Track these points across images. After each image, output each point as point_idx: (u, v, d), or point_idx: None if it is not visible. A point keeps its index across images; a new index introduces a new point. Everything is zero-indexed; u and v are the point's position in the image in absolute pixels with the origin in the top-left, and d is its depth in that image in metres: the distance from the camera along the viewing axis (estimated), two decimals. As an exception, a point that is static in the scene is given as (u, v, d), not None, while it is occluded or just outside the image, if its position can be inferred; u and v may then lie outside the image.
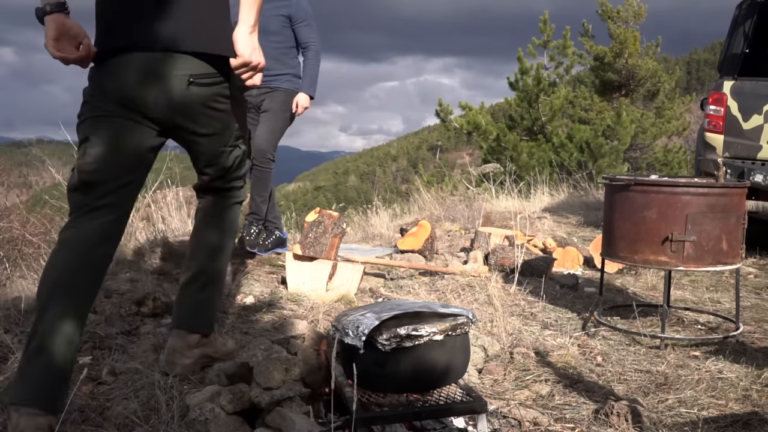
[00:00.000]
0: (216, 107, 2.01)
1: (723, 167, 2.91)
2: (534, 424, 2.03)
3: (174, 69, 1.89)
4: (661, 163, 13.65)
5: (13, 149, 31.70)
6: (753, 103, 4.89)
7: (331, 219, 3.49)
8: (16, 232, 5.69)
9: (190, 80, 1.91)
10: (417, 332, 1.75)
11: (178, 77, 1.89)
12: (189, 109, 1.95)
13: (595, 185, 9.57)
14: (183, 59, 1.90)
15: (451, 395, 1.89)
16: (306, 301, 3.31)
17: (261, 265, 4.11)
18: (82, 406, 1.99)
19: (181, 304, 2.26)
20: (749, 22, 5.09)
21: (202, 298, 2.23)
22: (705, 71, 51.10)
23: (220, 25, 1.97)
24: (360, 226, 6.71)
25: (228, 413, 1.88)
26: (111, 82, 1.89)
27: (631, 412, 2.03)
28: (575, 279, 4.08)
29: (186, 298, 2.25)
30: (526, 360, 2.59)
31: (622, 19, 14.16)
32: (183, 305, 2.25)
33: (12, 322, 2.71)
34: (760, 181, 4.74)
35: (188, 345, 2.21)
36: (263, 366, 1.90)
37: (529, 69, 12.94)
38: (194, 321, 2.23)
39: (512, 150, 12.10)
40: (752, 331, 3.14)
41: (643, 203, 2.85)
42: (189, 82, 1.91)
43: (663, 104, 14.39)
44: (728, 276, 4.25)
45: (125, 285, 3.37)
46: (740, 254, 2.90)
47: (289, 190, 68.80)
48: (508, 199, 7.70)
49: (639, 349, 2.83)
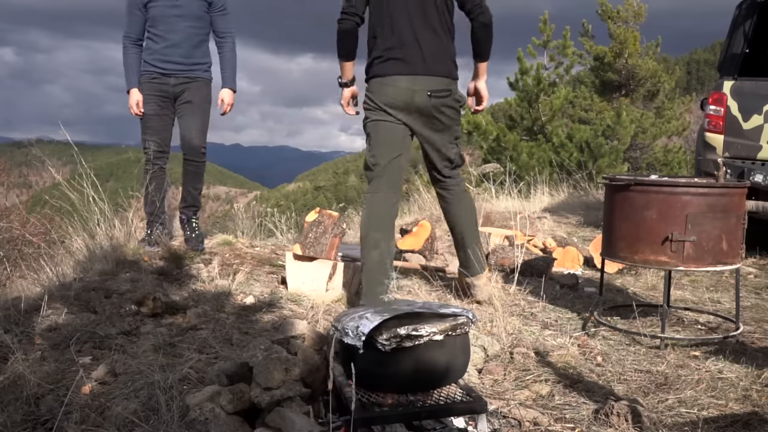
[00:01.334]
0: (444, 112, 3.04)
1: (723, 167, 2.91)
2: (534, 424, 2.03)
3: (420, 86, 2.95)
4: (661, 163, 13.63)
5: (13, 149, 31.72)
6: (753, 103, 4.89)
7: (331, 219, 3.48)
8: (16, 232, 5.69)
9: (429, 94, 2.96)
10: (417, 332, 1.75)
11: (422, 92, 2.96)
12: (427, 112, 3.01)
13: (595, 185, 9.57)
14: (426, 79, 2.96)
15: (451, 395, 1.89)
16: (306, 301, 3.31)
17: (261, 265, 4.11)
18: (82, 406, 1.99)
19: (460, 261, 3.42)
20: (749, 22, 5.09)
21: (473, 252, 3.32)
22: (705, 71, 51.06)
23: (448, 57, 3.06)
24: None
25: (228, 413, 1.88)
26: (382, 96, 2.99)
27: (631, 412, 2.03)
28: (575, 279, 4.08)
29: (462, 255, 3.38)
30: (526, 360, 2.59)
31: (622, 19, 14.14)
32: (462, 260, 3.40)
33: (12, 322, 2.71)
34: (760, 181, 4.74)
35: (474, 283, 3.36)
36: (263, 366, 1.90)
37: (529, 69, 12.94)
38: (471, 268, 3.34)
39: (512, 150, 12.09)
40: (752, 331, 3.14)
41: (643, 203, 2.84)
42: (429, 95, 2.97)
43: (663, 104, 14.37)
44: (728, 276, 4.25)
45: (125, 285, 3.37)
46: (740, 254, 2.90)
47: (289, 190, 68.77)
48: (508, 199, 7.70)
49: (639, 349, 2.83)
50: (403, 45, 2.98)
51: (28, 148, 5.77)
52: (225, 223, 6.16)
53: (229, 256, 4.23)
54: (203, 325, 2.82)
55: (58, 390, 2.11)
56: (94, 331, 2.66)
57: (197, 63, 4.02)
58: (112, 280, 3.44)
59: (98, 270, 3.62)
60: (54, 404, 1.99)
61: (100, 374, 2.22)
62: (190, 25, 3.95)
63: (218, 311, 3.04)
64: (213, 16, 4.02)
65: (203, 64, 4.07)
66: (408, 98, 2.99)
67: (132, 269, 3.67)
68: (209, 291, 3.37)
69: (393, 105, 3.01)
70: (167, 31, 3.93)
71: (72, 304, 3.01)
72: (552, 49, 13.59)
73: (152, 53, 3.96)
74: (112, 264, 3.65)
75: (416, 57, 2.98)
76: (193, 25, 3.96)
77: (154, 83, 3.99)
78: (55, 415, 1.93)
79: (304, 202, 43.03)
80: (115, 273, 3.59)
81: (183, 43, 3.96)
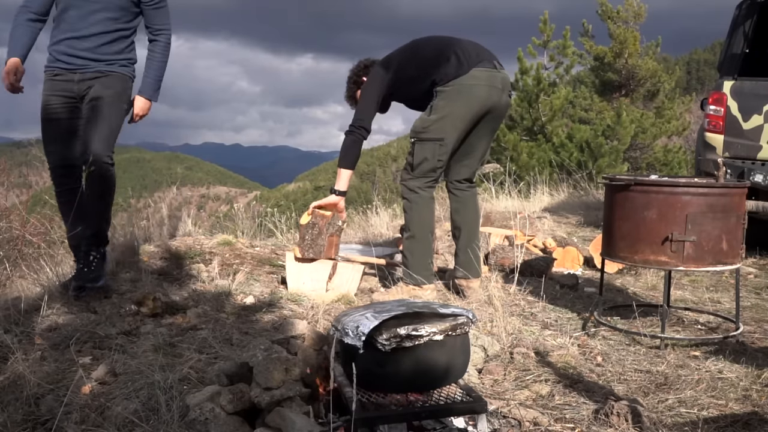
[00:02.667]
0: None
1: (723, 167, 2.91)
2: (534, 424, 2.03)
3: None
4: (661, 163, 13.64)
5: (13, 149, 31.74)
6: (753, 103, 4.89)
7: (324, 219, 3.46)
8: (16, 232, 5.69)
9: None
10: (417, 332, 1.75)
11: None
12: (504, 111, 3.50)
13: (595, 185, 9.57)
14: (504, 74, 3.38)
15: (451, 395, 1.89)
16: (306, 301, 3.31)
17: (261, 265, 4.11)
18: (82, 406, 1.99)
19: (461, 262, 3.50)
20: (749, 22, 5.09)
21: (475, 255, 3.49)
22: (705, 71, 51.08)
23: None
24: (360, 226, 6.71)
25: (228, 413, 1.88)
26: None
27: (631, 412, 2.03)
28: (575, 279, 4.08)
29: (464, 257, 3.49)
30: (526, 360, 2.58)
31: (622, 19, 14.15)
32: (463, 261, 3.49)
33: (12, 322, 2.71)
34: (760, 181, 4.74)
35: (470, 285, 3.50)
36: (263, 366, 1.90)
37: (529, 69, 12.95)
38: (472, 270, 3.48)
39: (512, 150, 12.10)
40: (752, 331, 3.14)
41: (643, 203, 2.84)
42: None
43: (663, 104, 14.38)
44: (728, 276, 4.25)
45: (125, 285, 3.37)
46: (740, 254, 2.90)
47: (289, 190, 68.79)
48: (508, 199, 7.70)
49: (639, 349, 2.83)
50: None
51: (28, 148, 5.74)
52: (225, 223, 6.16)
53: (229, 256, 4.22)
54: (203, 325, 2.82)
55: (58, 390, 2.11)
56: (94, 331, 2.66)
57: (111, 57, 3.22)
58: (112, 280, 3.44)
59: (98, 270, 3.61)
60: (54, 404, 1.99)
61: (100, 374, 2.22)
62: (107, 16, 3.19)
63: (218, 311, 3.04)
64: (144, 8, 3.28)
65: (121, 60, 3.26)
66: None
67: (132, 269, 3.67)
68: (209, 291, 3.37)
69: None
70: (78, 18, 3.17)
71: (72, 304, 3.01)
72: (552, 49, 13.61)
73: (56, 43, 3.19)
74: (112, 264, 3.65)
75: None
76: (112, 17, 3.19)
77: (57, 81, 3.19)
78: (55, 415, 1.92)
79: (304, 202, 42.94)
80: (115, 273, 3.59)
81: (95, 36, 3.18)
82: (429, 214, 3.41)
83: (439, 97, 3.28)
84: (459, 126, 3.30)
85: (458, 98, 3.26)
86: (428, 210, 3.40)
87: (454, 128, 3.29)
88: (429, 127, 3.29)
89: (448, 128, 3.28)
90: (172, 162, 27.78)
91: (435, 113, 3.28)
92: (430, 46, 3.41)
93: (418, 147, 3.33)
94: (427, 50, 3.38)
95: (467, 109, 3.27)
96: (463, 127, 3.33)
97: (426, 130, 3.30)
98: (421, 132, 3.32)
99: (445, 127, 3.27)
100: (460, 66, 3.26)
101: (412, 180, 3.38)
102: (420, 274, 3.38)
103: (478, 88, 3.26)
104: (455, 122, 3.28)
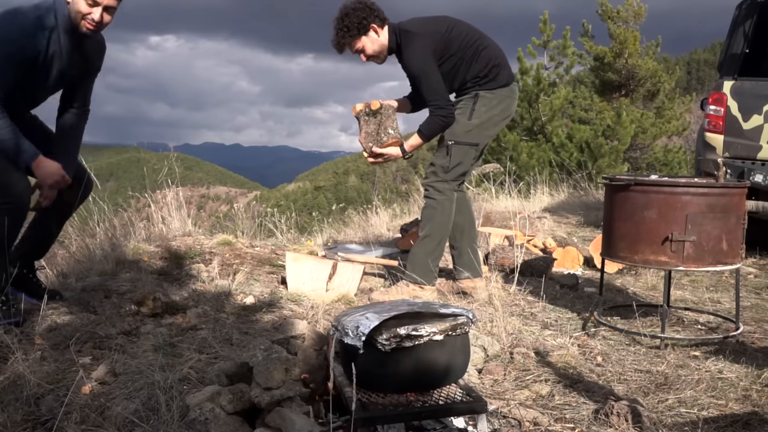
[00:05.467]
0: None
1: (723, 167, 2.91)
2: (534, 424, 2.03)
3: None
4: (661, 163, 13.64)
5: None
6: (753, 103, 4.89)
7: (391, 108, 3.39)
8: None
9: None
10: (417, 332, 1.75)
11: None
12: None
13: (595, 185, 9.57)
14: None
15: (451, 395, 1.89)
16: (306, 301, 3.31)
17: (261, 265, 4.11)
18: (82, 406, 1.99)
19: (465, 263, 3.54)
20: (749, 22, 5.09)
21: (476, 255, 3.57)
22: (705, 71, 51.06)
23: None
24: (360, 226, 6.71)
25: (228, 413, 1.88)
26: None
27: (631, 412, 2.03)
28: (575, 279, 4.08)
29: (467, 258, 3.53)
30: (526, 360, 2.58)
31: (622, 19, 14.14)
32: (467, 262, 3.53)
33: (12, 322, 2.70)
34: (760, 181, 4.74)
35: (476, 286, 3.55)
36: (263, 366, 1.90)
37: (529, 69, 12.94)
38: (476, 270, 3.54)
39: (512, 150, 12.09)
40: (752, 331, 3.14)
41: (643, 203, 2.84)
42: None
43: (663, 104, 14.37)
44: (728, 276, 4.25)
45: (125, 285, 3.37)
46: (740, 254, 2.90)
47: (289, 190, 68.80)
48: (508, 199, 7.70)
49: (639, 349, 2.83)
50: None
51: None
52: (225, 223, 6.16)
53: (229, 256, 4.22)
54: (203, 325, 2.82)
55: (58, 390, 2.11)
56: (94, 331, 2.66)
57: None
58: (112, 280, 3.45)
59: (98, 270, 3.62)
60: (54, 404, 1.99)
61: (100, 374, 2.21)
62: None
63: (218, 311, 3.04)
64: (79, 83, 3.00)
65: None
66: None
67: (132, 269, 3.67)
68: (209, 291, 3.37)
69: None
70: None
71: (72, 304, 3.01)
72: (552, 49, 13.60)
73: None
74: (112, 264, 3.65)
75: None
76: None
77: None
78: (55, 415, 1.92)
79: (304, 202, 42.97)
80: (115, 273, 3.59)
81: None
82: (450, 217, 3.44)
83: (480, 102, 3.34)
84: (492, 134, 3.48)
85: (497, 107, 3.37)
86: (450, 213, 3.44)
87: (488, 135, 3.46)
88: (470, 131, 3.35)
89: (484, 134, 3.41)
90: (173, 162, 27.63)
91: (476, 118, 3.34)
92: (491, 44, 3.41)
93: (455, 150, 3.35)
94: (489, 49, 3.37)
95: (502, 120, 3.45)
96: (494, 135, 3.54)
97: (467, 134, 3.35)
98: (461, 135, 3.35)
99: (482, 133, 3.39)
100: (509, 76, 3.41)
101: (442, 182, 3.40)
102: (424, 274, 3.39)
103: (513, 102, 3.47)
104: (490, 129, 3.43)
